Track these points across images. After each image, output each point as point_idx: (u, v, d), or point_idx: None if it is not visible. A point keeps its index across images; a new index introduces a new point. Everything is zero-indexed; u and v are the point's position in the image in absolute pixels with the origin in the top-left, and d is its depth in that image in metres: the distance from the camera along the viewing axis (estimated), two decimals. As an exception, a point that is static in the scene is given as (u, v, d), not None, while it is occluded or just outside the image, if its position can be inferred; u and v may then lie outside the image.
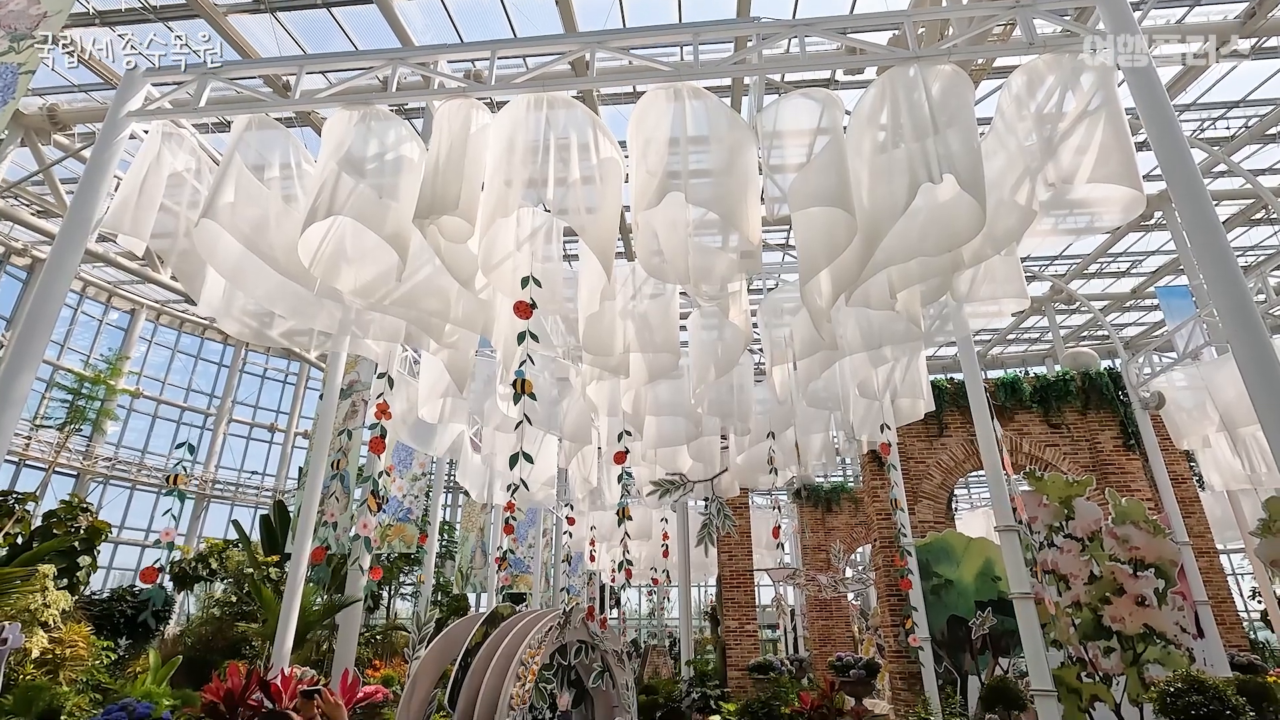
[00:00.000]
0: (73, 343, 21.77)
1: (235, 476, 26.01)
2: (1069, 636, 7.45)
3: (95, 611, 13.84)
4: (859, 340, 7.60)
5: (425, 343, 7.21)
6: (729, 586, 14.74)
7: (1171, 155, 4.75)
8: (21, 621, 9.43)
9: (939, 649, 10.70)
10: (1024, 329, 24.17)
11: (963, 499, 28.95)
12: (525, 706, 6.90)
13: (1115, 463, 12.06)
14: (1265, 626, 18.72)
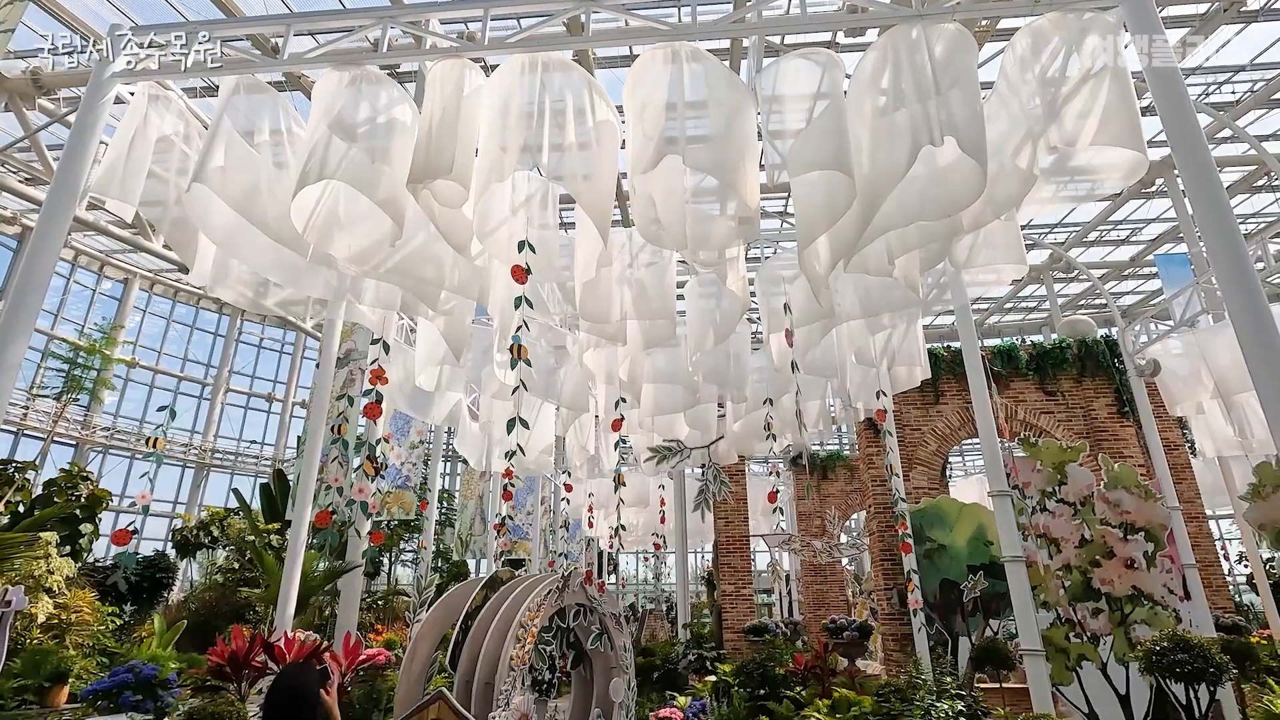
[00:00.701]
0: (66, 312, 21.63)
1: (234, 446, 26.10)
2: (1058, 598, 7.59)
3: (99, 578, 14.02)
4: (857, 307, 7.58)
5: (421, 310, 7.17)
6: (725, 552, 14.95)
7: (1177, 120, 4.69)
8: (26, 588, 9.55)
9: (931, 611, 10.91)
10: (1022, 298, 24.14)
11: (957, 466, 29.25)
12: (525, 667, 7.04)
13: (1109, 429, 12.16)
14: (1250, 589, 19.12)
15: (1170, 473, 10.98)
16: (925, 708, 5.86)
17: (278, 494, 15.40)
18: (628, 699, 8.38)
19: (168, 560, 17.04)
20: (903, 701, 6.54)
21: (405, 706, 7.15)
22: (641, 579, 33.53)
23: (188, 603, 13.64)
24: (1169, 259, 17.95)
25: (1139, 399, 10.94)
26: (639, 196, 6.45)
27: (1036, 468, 8.06)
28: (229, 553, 15.75)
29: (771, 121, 6.12)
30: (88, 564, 14.03)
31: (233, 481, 24.49)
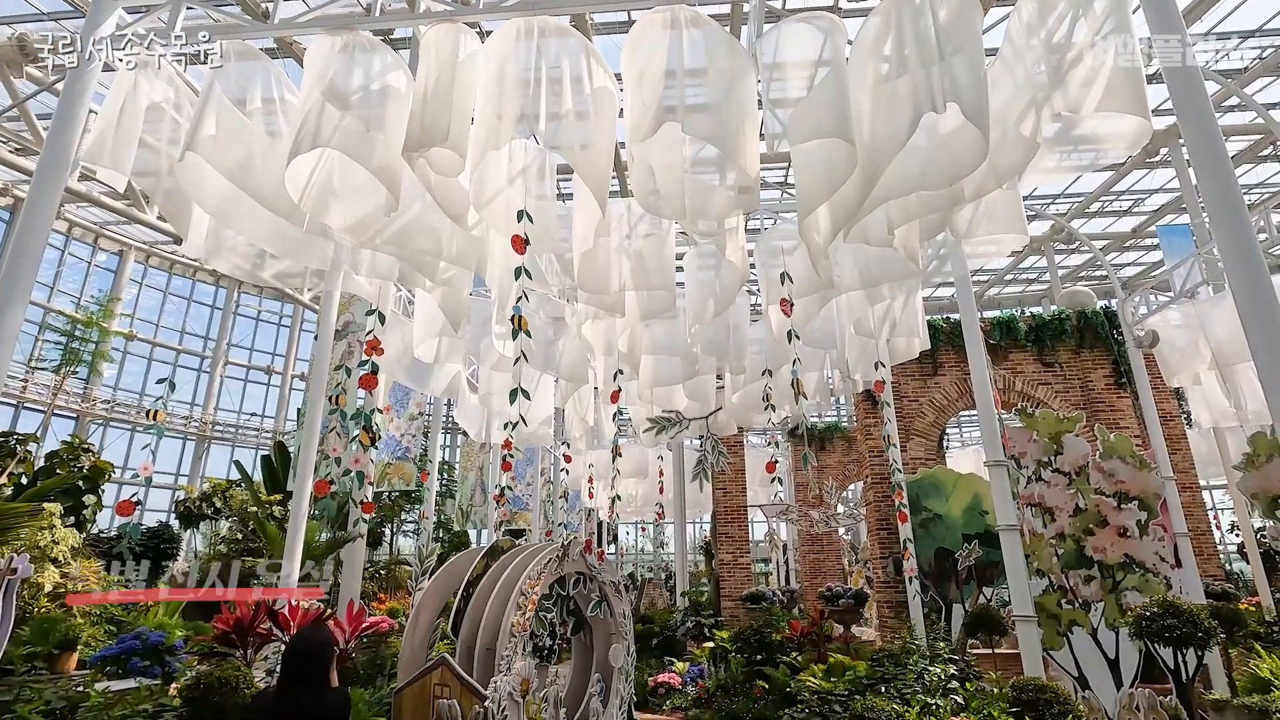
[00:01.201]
0: (62, 285, 21.53)
1: (234, 418, 26.19)
2: (1051, 565, 7.70)
3: (105, 548, 14.17)
4: (856, 278, 7.54)
5: (419, 281, 7.14)
6: (723, 522, 15.11)
7: (1184, 87, 4.61)
8: (32, 558, 9.65)
9: (926, 579, 11.07)
10: (1022, 269, 24.05)
11: (954, 437, 29.44)
12: (526, 633, 7.17)
13: (1106, 400, 12.21)
14: (1240, 558, 19.38)
15: (1165, 443, 11.06)
16: (918, 672, 5.98)
17: (279, 465, 15.50)
18: (627, 664, 8.55)
19: (172, 531, 17.23)
20: (896, 666, 6.67)
21: (409, 671, 7.29)
22: (640, 549, 33.96)
23: (193, 572, 13.81)
24: (1170, 230, 17.87)
25: (1136, 370, 10.97)
26: (637, 166, 6.37)
27: (1033, 438, 8.12)
28: (232, 523, 15.90)
29: (772, 89, 6.02)
30: (92, 535, 14.18)
31: (234, 453, 24.64)
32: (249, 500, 14.64)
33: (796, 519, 16.93)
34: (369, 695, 7.36)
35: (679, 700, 10.89)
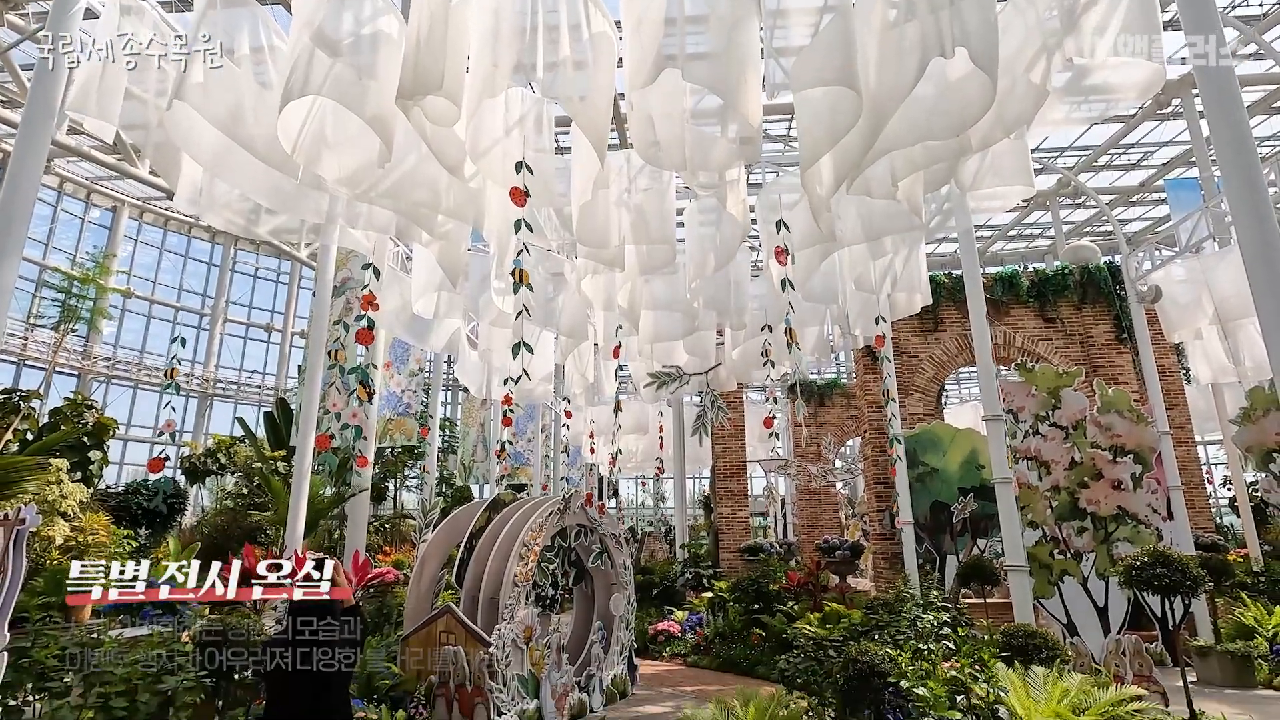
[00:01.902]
0: (57, 242, 21.33)
1: (236, 376, 26.28)
2: (1045, 517, 7.82)
3: (112, 503, 14.36)
4: (859, 231, 7.45)
5: (416, 235, 7.06)
6: (723, 476, 15.29)
7: (1200, 27, 4.47)
8: (42, 512, 9.80)
9: (921, 532, 11.26)
10: (1026, 225, 23.78)
11: (953, 394, 29.57)
12: (529, 584, 7.33)
13: (1105, 356, 12.22)
14: (1232, 512, 19.69)
15: (1163, 399, 11.10)
16: (911, 619, 6.13)
17: (281, 422, 15.59)
18: (627, 613, 8.77)
19: (178, 486, 17.45)
20: (890, 614, 6.84)
21: (415, 620, 7.48)
22: (641, 503, 34.49)
23: (200, 527, 14.04)
24: (1178, 184, 17.61)
25: (1138, 326, 10.94)
26: (637, 116, 6.23)
27: (1031, 392, 8.15)
28: (237, 479, 16.09)
29: (775, 36, 5.84)
30: (99, 490, 14.36)
31: (236, 410, 24.78)
32: (253, 456, 14.78)
33: (795, 474, 17.14)
34: (376, 642, 7.56)
35: (678, 647, 11.21)
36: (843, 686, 4.25)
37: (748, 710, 4.53)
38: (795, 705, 4.78)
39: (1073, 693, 4.28)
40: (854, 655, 4.30)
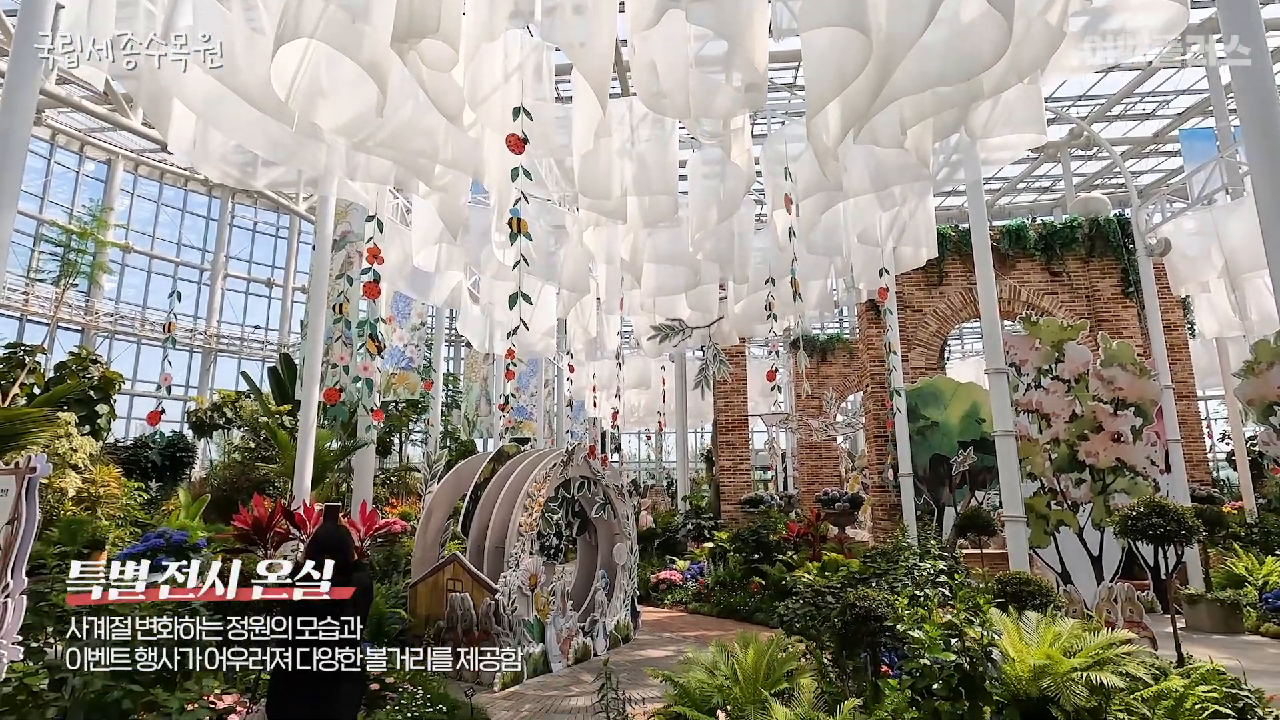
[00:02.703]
0: (53, 196, 21.11)
1: (239, 331, 26.31)
2: (1044, 469, 7.89)
3: (122, 457, 14.56)
4: (865, 180, 7.32)
5: (415, 186, 6.95)
6: (724, 431, 15.41)
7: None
8: (53, 465, 9.95)
9: (920, 484, 11.39)
10: (1035, 177, 23.37)
11: (955, 349, 29.55)
12: (533, 533, 7.47)
13: (1111, 310, 12.16)
14: (1229, 466, 19.86)
15: (1167, 353, 11.09)
16: (909, 567, 6.24)
17: (285, 377, 15.68)
18: (630, 562, 8.96)
19: (187, 440, 17.66)
20: (888, 562, 6.96)
21: (422, 567, 7.66)
22: (644, 457, 34.89)
23: (209, 479, 14.26)
24: (1193, 134, 17.22)
25: (1145, 279, 10.85)
26: (640, 63, 6.06)
27: (1035, 345, 8.13)
28: (244, 433, 16.26)
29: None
30: (108, 444, 14.54)
31: (240, 365, 24.89)
32: (259, 411, 14.90)
33: (796, 428, 17.26)
34: (385, 589, 7.76)
35: (680, 595, 11.49)
36: (840, 630, 4.36)
37: (747, 653, 4.66)
38: (794, 648, 4.91)
39: (1064, 636, 4.39)
40: (852, 601, 4.39)
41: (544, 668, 7.13)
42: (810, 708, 3.91)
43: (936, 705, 3.64)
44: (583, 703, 5.97)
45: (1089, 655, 4.16)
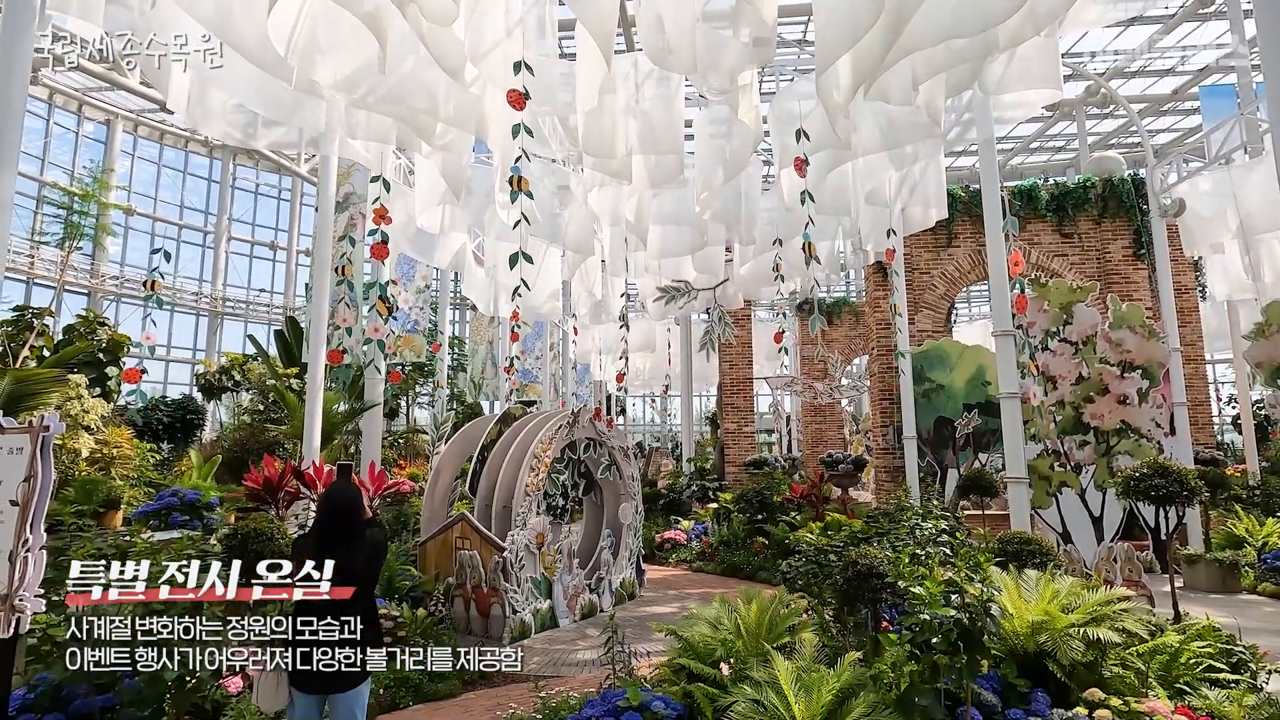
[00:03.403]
0: (53, 158, 20.95)
1: (244, 294, 26.33)
2: (1048, 431, 7.91)
3: (132, 418, 14.75)
4: (876, 139, 7.17)
5: (417, 145, 6.85)
6: (729, 393, 15.46)
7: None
8: (66, 425, 10.09)
9: (924, 446, 11.45)
10: (1049, 136, 22.87)
11: (962, 313, 29.37)
12: (540, 493, 7.57)
13: (1121, 272, 12.03)
14: (1234, 430, 19.87)
15: (1176, 316, 11.00)
16: (911, 527, 6.31)
17: (292, 340, 15.73)
18: (635, 521, 9.09)
19: (196, 403, 17.84)
20: (891, 523, 7.04)
21: (431, 526, 7.79)
22: (649, 420, 35.12)
23: (220, 441, 14.45)
24: (1214, 91, 16.77)
25: (1157, 240, 10.69)
26: (646, 17, 5.89)
27: (1044, 308, 8.07)
28: (253, 396, 16.41)
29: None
30: (119, 406, 14.72)
31: (247, 329, 24.97)
32: (266, 374, 15.00)
33: (801, 391, 17.30)
34: (396, 548, 7.91)
35: (684, 554, 11.69)
36: (842, 587, 4.43)
37: (750, 608, 4.76)
38: (796, 604, 5.00)
39: (1063, 594, 4.45)
40: (854, 558, 4.45)
41: (551, 623, 7.30)
42: (811, 660, 4.00)
43: (935, 659, 3.71)
44: (589, 656, 6.13)
45: (1087, 612, 4.23)
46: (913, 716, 3.53)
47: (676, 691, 4.08)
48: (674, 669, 4.44)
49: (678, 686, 4.17)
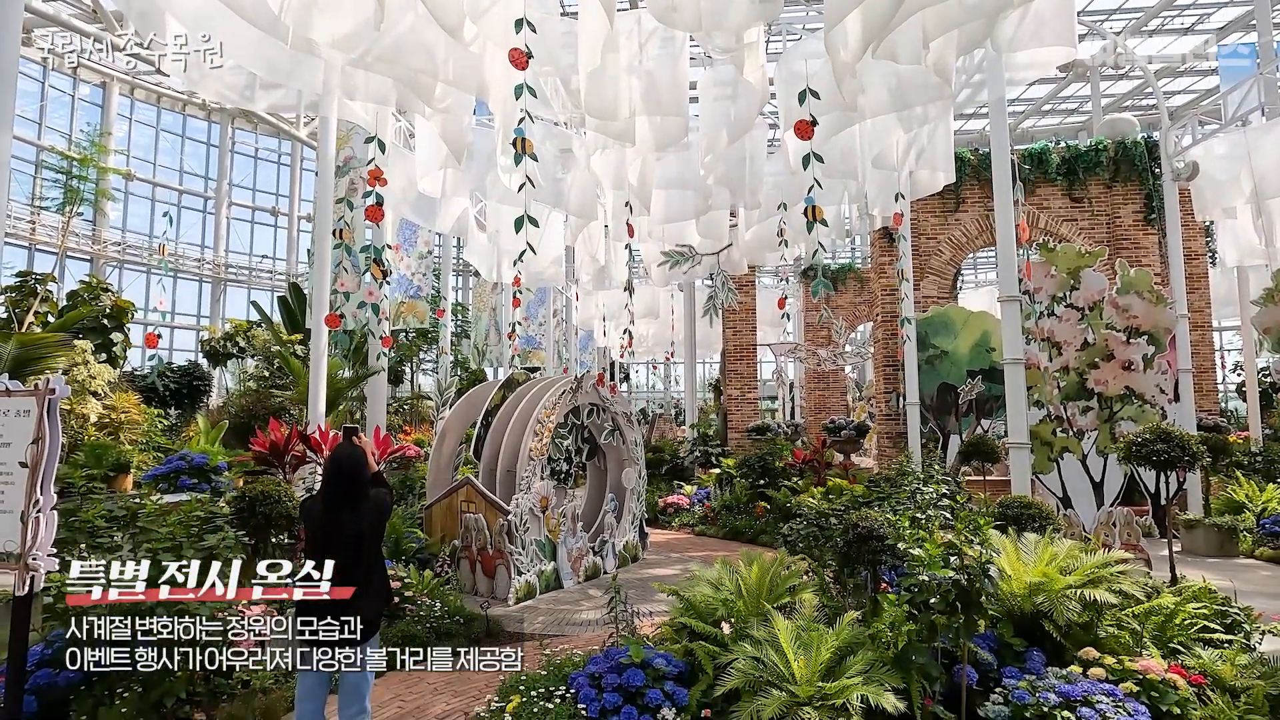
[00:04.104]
0: (50, 121, 20.71)
1: (247, 260, 26.27)
2: (1052, 397, 7.91)
3: (140, 385, 14.85)
4: (883, 101, 7.02)
5: (417, 107, 6.74)
6: (733, 360, 15.47)
7: None
8: (73, 392, 10.17)
9: (926, 412, 11.47)
10: (1061, 98, 22.41)
11: (969, 279, 29.15)
12: (544, 458, 7.63)
13: (1131, 238, 11.89)
14: (1238, 397, 19.84)
15: (1185, 282, 10.89)
16: (911, 491, 6.35)
17: (295, 306, 15.74)
18: (638, 486, 9.17)
19: (202, 369, 17.95)
20: (892, 487, 7.09)
21: (437, 490, 7.89)
22: (651, 386, 35.23)
23: (226, 407, 14.57)
24: (1233, 51, 16.35)
25: (1169, 205, 10.53)
26: (649, -31, 5.73)
27: (1051, 273, 8.00)
28: (258, 362, 16.49)
29: None
30: (125, 373, 14.82)
31: (250, 295, 24.96)
32: (271, 340, 15.05)
33: (804, 357, 17.28)
34: (402, 511, 8.02)
35: (686, 518, 11.83)
36: (842, 549, 4.48)
37: (751, 570, 4.82)
38: (796, 566, 5.06)
39: (1061, 556, 4.50)
40: (854, 521, 4.49)
41: (556, 584, 7.43)
42: (810, 620, 4.07)
43: (933, 618, 3.77)
44: (593, 615, 6.25)
45: (1084, 574, 4.28)
46: (910, 674, 3.60)
47: (678, 649, 4.16)
48: (676, 628, 4.52)
49: (679, 644, 4.25)
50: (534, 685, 3.84)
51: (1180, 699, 3.54)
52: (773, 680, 3.50)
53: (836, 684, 3.43)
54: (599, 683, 3.74)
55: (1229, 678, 3.74)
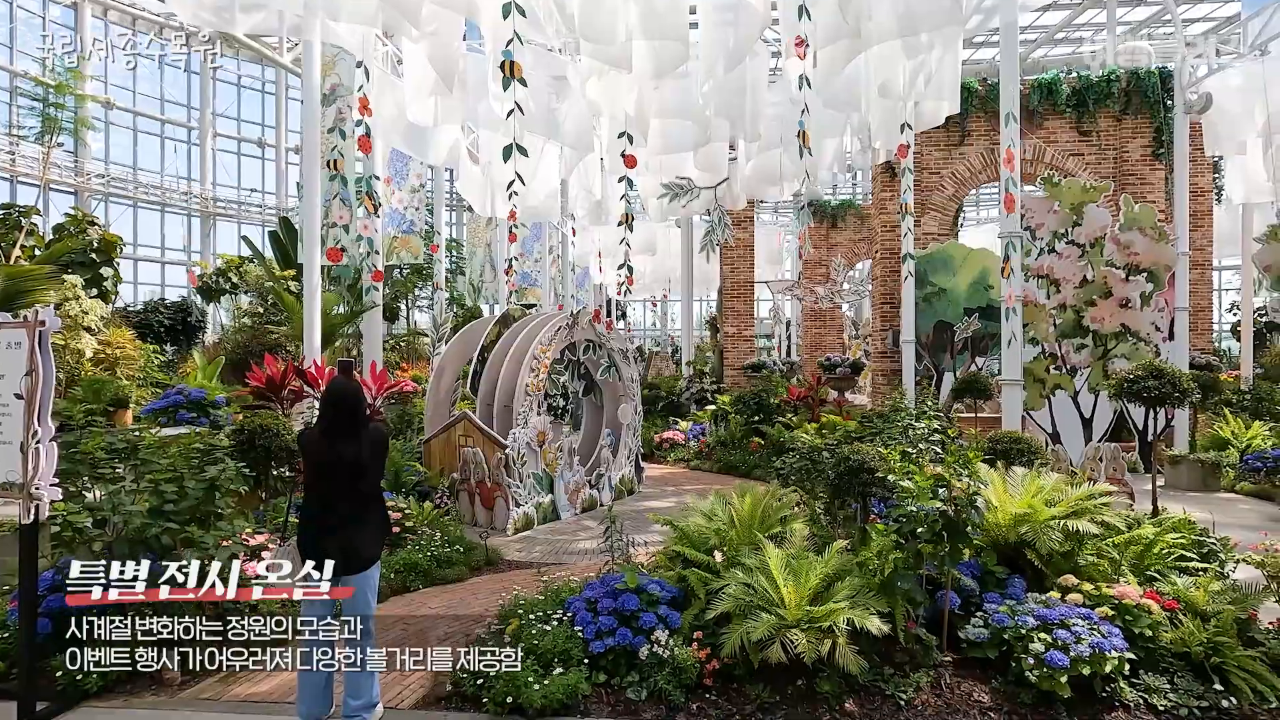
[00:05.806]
0: (21, 45, 19.81)
1: (235, 195, 25.68)
2: (1047, 334, 7.92)
3: (134, 320, 14.77)
4: (891, 26, 6.73)
5: (404, 29, 6.45)
6: (730, 297, 15.40)
7: None
8: (67, 327, 10.10)
9: (922, 350, 11.51)
10: (1075, 27, 21.51)
11: (971, 217, 28.76)
12: (540, 394, 7.68)
13: (1138, 174, 11.66)
14: (1233, 337, 19.93)
15: (1189, 219, 10.75)
16: (904, 426, 6.43)
17: (287, 241, 15.49)
18: (635, 421, 9.28)
19: (195, 305, 17.82)
20: (885, 423, 7.19)
21: (435, 424, 7.97)
22: (649, 324, 35.22)
23: (222, 343, 14.53)
24: (1258, -26, 15.64)
25: (1179, 139, 10.28)
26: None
27: (1053, 209, 7.88)
28: (252, 298, 16.35)
29: None
30: (119, 309, 14.70)
31: (240, 229, 24.53)
32: (264, 275, 14.87)
33: (802, 295, 17.21)
34: (401, 445, 8.13)
35: (682, 453, 12.02)
36: (833, 481, 4.57)
37: (744, 501, 4.92)
38: (788, 498, 5.17)
39: (1047, 489, 4.59)
40: (846, 454, 4.56)
41: (553, 515, 7.61)
42: (801, 549, 4.19)
43: (920, 547, 3.88)
44: (589, 545, 6.42)
45: (1068, 506, 4.38)
46: (894, 599, 3.73)
47: (672, 576, 4.30)
48: (670, 556, 4.65)
49: (673, 572, 4.38)
50: (532, 609, 3.98)
51: (1153, 622, 3.69)
52: (763, 605, 3.62)
53: (824, 608, 3.55)
54: (595, 607, 3.87)
55: (1201, 603, 3.88)
